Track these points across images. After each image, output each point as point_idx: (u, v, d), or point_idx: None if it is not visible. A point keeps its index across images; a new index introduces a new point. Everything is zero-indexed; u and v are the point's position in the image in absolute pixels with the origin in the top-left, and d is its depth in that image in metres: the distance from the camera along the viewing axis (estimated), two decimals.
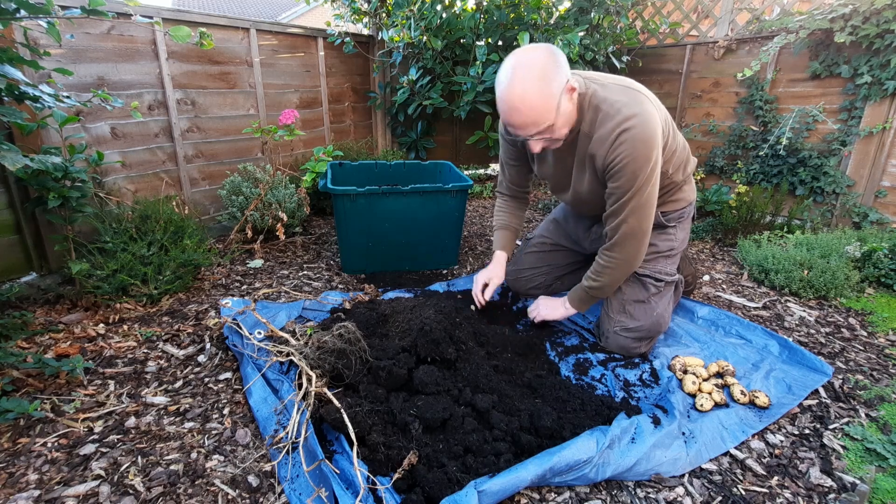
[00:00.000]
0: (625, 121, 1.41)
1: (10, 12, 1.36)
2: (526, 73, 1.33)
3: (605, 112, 1.45)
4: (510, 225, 2.00)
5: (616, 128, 1.42)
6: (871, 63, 2.83)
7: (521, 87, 1.33)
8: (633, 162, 1.42)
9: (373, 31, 4.08)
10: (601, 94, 1.47)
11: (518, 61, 1.35)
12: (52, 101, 1.50)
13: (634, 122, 1.40)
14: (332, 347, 1.42)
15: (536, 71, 1.33)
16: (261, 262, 2.62)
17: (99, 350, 1.75)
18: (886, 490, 1.21)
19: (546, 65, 1.34)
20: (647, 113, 1.42)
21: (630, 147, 1.41)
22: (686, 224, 1.85)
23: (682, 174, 1.74)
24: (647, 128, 1.40)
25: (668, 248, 1.80)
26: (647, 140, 1.41)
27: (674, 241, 1.81)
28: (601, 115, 1.46)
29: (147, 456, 1.28)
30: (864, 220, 2.96)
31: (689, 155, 1.77)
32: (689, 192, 1.82)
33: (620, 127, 1.41)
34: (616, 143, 1.42)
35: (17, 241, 2.12)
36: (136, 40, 2.51)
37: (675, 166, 1.67)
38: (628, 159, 1.42)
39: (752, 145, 3.43)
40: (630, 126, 1.40)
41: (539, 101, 1.35)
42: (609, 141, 1.44)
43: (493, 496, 1.08)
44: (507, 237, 1.99)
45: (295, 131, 2.75)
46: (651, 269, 1.76)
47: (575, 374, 1.66)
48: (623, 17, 3.62)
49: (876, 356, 1.83)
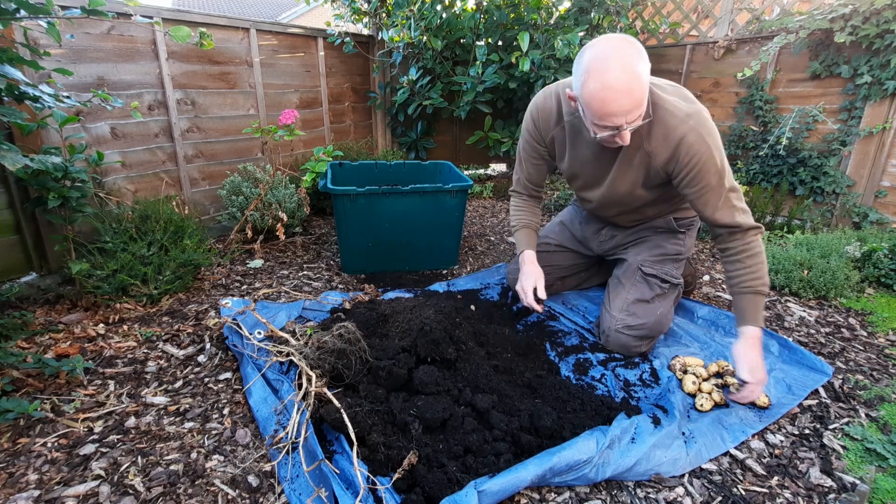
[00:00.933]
0: (688, 118, 1.43)
1: (10, 12, 1.36)
2: (631, 58, 1.29)
3: (665, 109, 1.45)
4: (531, 223, 1.94)
5: (677, 128, 1.43)
6: (871, 63, 2.83)
7: (633, 70, 1.28)
8: (707, 162, 1.43)
9: (373, 31, 4.08)
10: (656, 92, 1.47)
11: (619, 45, 1.30)
12: (52, 101, 1.50)
13: (698, 120, 1.42)
14: (332, 347, 1.42)
15: (639, 57, 1.30)
16: (261, 262, 2.62)
17: (99, 350, 1.75)
18: (886, 490, 1.21)
19: (640, 53, 1.32)
20: (701, 109, 1.46)
21: (700, 144, 1.42)
22: (694, 232, 1.90)
23: None
24: (707, 122, 1.44)
25: (677, 252, 1.83)
26: (712, 132, 1.44)
27: (682, 246, 1.84)
28: (659, 113, 1.46)
29: (147, 456, 1.28)
30: (864, 220, 2.96)
31: None
32: None
33: (682, 129, 1.42)
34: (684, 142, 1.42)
35: (17, 241, 2.12)
36: (136, 40, 2.51)
37: None
38: (704, 155, 1.42)
39: (752, 145, 3.43)
40: (692, 127, 1.42)
41: (641, 86, 1.30)
42: (675, 140, 1.44)
43: (493, 496, 1.08)
44: (531, 235, 1.93)
45: (295, 131, 2.75)
46: (659, 270, 1.78)
47: (575, 374, 1.66)
48: (623, 17, 3.62)
49: (876, 356, 1.83)
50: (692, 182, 1.47)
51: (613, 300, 1.80)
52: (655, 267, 1.79)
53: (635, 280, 1.80)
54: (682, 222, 1.84)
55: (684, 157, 1.44)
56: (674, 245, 1.83)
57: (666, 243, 1.82)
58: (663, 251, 1.81)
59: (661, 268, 1.79)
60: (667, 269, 1.80)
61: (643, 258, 1.82)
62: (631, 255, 1.87)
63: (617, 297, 1.79)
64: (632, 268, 1.82)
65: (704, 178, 1.45)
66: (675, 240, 1.83)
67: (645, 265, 1.80)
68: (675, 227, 1.82)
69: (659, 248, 1.82)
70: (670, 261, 1.82)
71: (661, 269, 1.79)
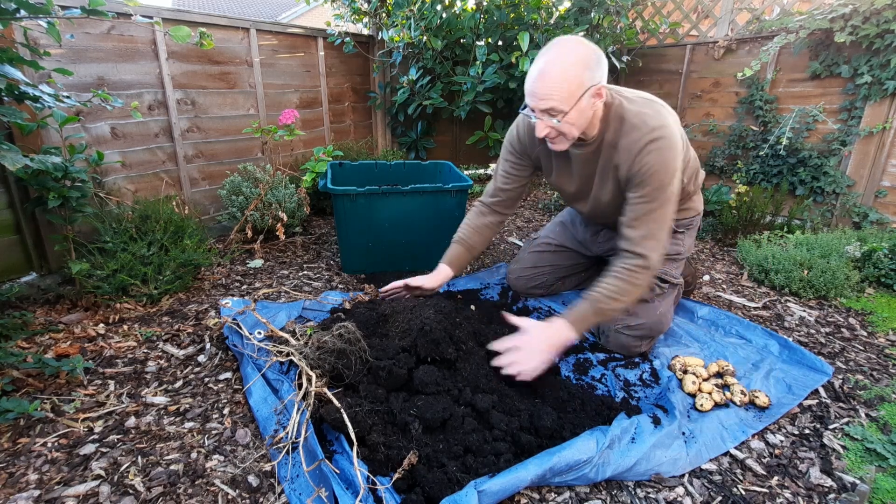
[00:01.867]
0: (651, 131, 1.43)
1: (10, 12, 1.36)
2: (568, 52, 1.36)
3: (632, 123, 1.47)
4: (468, 240, 1.84)
5: (643, 138, 1.44)
6: (871, 63, 2.83)
7: (559, 59, 1.35)
8: (660, 171, 1.43)
9: (373, 31, 4.08)
10: (627, 105, 1.50)
11: (565, 42, 1.39)
12: (52, 101, 1.50)
13: (661, 134, 1.43)
14: (332, 347, 1.41)
15: (578, 57, 1.36)
16: (261, 262, 2.62)
17: (99, 350, 1.75)
18: (886, 490, 1.21)
19: (588, 57, 1.37)
20: (671, 126, 1.46)
21: (657, 157, 1.43)
22: (693, 232, 1.90)
23: (693, 185, 1.78)
24: (672, 140, 1.44)
25: (676, 251, 1.83)
26: (673, 151, 1.44)
27: (681, 246, 1.85)
28: (626, 126, 1.48)
29: (147, 456, 1.28)
30: (864, 220, 2.96)
31: (699, 167, 1.82)
32: (698, 202, 1.87)
33: (647, 137, 1.43)
34: (643, 152, 1.44)
35: (17, 241, 2.12)
36: (136, 40, 2.51)
37: (688, 177, 1.71)
38: (656, 168, 1.43)
39: (752, 145, 3.43)
40: (657, 137, 1.43)
41: (567, 79, 1.35)
42: (635, 151, 1.45)
43: (493, 496, 1.08)
44: (459, 253, 1.83)
45: (295, 131, 2.75)
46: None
47: (575, 374, 1.66)
48: (623, 17, 3.62)
49: (876, 356, 1.83)
50: (636, 187, 1.47)
51: None
52: None
53: None
54: (681, 223, 1.84)
55: (638, 166, 1.45)
56: (672, 245, 1.83)
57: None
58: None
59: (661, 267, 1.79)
60: (665, 268, 1.80)
61: None
62: None
63: None
64: None
65: (645, 188, 1.45)
66: (673, 239, 1.83)
67: None
68: (672, 228, 1.81)
69: None
70: (669, 260, 1.82)
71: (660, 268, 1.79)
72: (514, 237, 3.22)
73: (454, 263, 1.84)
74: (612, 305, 1.46)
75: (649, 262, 1.46)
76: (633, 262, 1.46)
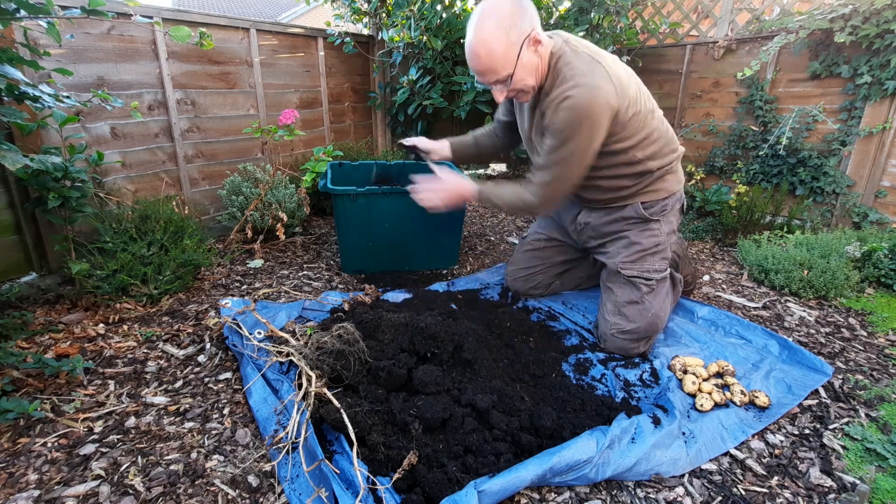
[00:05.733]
0: (573, 87, 1.44)
1: (10, 12, 1.36)
2: (487, 20, 1.37)
3: (564, 75, 1.48)
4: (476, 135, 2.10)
5: (563, 91, 1.45)
6: (871, 63, 2.83)
7: (482, 33, 1.38)
8: (566, 127, 1.46)
9: (373, 31, 4.08)
10: (569, 58, 1.50)
11: (483, 9, 1.40)
12: (52, 101, 1.50)
13: (579, 91, 1.43)
14: (332, 348, 1.42)
15: (497, 19, 1.37)
16: (261, 262, 2.62)
17: (99, 350, 1.75)
18: (886, 490, 1.21)
19: (510, 13, 1.37)
20: (596, 86, 1.44)
21: (568, 113, 1.44)
22: (671, 217, 1.80)
23: (658, 162, 1.69)
24: (590, 99, 1.43)
25: (654, 244, 1.77)
26: (587, 109, 1.44)
27: (658, 235, 1.78)
28: (559, 77, 1.49)
29: (147, 456, 1.28)
30: (864, 220, 2.96)
31: (673, 146, 1.74)
32: (673, 182, 1.78)
33: (566, 92, 1.44)
34: (558, 106, 1.46)
35: (17, 241, 2.12)
36: (136, 40, 2.51)
37: (648, 154, 1.65)
38: (563, 124, 1.46)
39: (752, 145, 3.43)
40: (573, 94, 1.43)
41: (498, 49, 1.38)
42: (554, 103, 1.47)
43: (493, 496, 1.08)
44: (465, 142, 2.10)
45: (295, 131, 2.75)
46: (638, 270, 1.75)
47: (575, 374, 1.66)
48: (623, 17, 3.62)
49: (876, 356, 1.83)
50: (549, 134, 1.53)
51: (605, 304, 1.80)
52: (635, 267, 1.76)
53: (620, 283, 1.78)
54: (652, 209, 1.76)
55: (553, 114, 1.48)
56: (649, 238, 1.77)
57: (641, 238, 1.77)
58: (640, 248, 1.76)
59: (641, 266, 1.76)
60: (647, 265, 1.76)
61: (621, 259, 1.78)
62: (609, 256, 1.84)
63: (607, 301, 1.79)
64: (612, 271, 1.80)
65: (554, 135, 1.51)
66: (648, 231, 1.77)
67: (624, 268, 1.77)
68: (645, 216, 1.75)
69: (634, 246, 1.77)
70: (649, 255, 1.77)
71: (640, 267, 1.75)
72: (514, 237, 3.22)
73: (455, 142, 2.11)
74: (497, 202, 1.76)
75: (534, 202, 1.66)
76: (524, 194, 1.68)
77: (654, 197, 1.76)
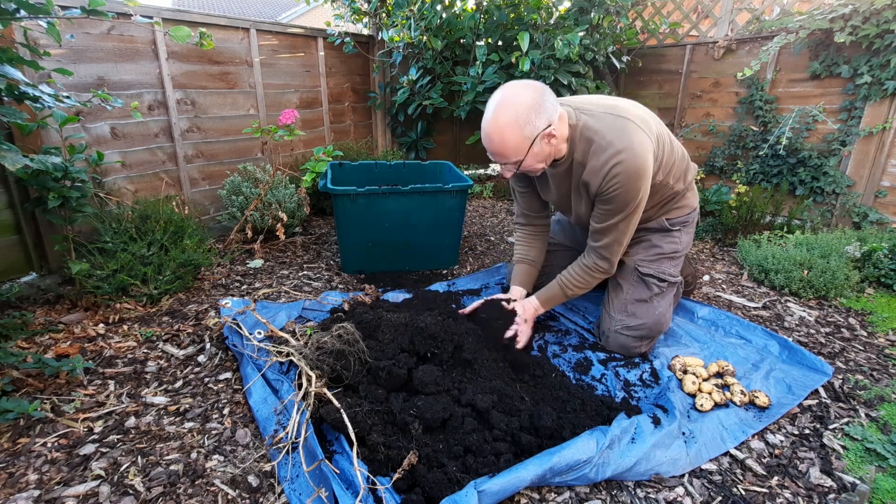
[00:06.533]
0: (616, 154, 1.46)
1: (10, 12, 1.36)
2: (505, 112, 1.41)
3: (598, 144, 1.50)
4: (527, 257, 1.92)
5: (608, 161, 1.47)
6: (871, 63, 2.83)
7: (497, 122, 1.42)
8: (624, 193, 1.49)
9: (373, 31, 4.08)
10: (592, 125, 1.52)
11: (504, 97, 1.43)
12: (52, 101, 1.50)
13: (625, 157, 1.45)
14: (332, 348, 1.42)
15: (514, 113, 1.40)
16: (261, 262, 2.62)
17: (99, 350, 1.75)
18: (886, 490, 1.21)
19: (528, 109, 1.40)
20: (637, 144, 1.47)
21: (623, 179, 1.47)
22: (690, 229, 1.89)
23: (683, 183, 1.77)
24: (637, 160, 1.46)
25: (673, 250, 1.82)
26: (638, 171, 1.47)
27: (678, 244, 1.83)
28: (593, 147, 1.51)
29: (147, 456, 1.28)
30: (864, 220, 2.96)
31: (689, 164, 1.80)
32: (692, 198, 1.86)
33: (612, 161, 1.46)
34: (608, 175, 1.48)
35: (17, 241, 2.12)
36: (136, 40, 2.51)
37: (676, 177, 1.71)
38: (620, 190, 1.49)
39: (752, 145, 3.43)
40: (621, 160, 1.45)
41: (511, 140, 1.42)
42: (602, 174, 1.49)
43: (493, 496, 1.08)
44: (525, 271, 1.90)
45: (295, 131, 2.75)
46: (655, 269, 1.77)
47: (575, 374, 1.66)
48: (623, 17, 3.62)
49: (876, 356, 1.83)
50: (603, 203, 1.56)
51: (612, 301, 1.80)
52: (652, 266, 1.78)
53: (633, 280, 1.79)
54: (675, 221, 1.83)
55: (605, 186, 1.51)
56: (669, 244, 1.82)
57: (661, 242, 1.82)
58: (659, 250, 1.81)
59: (658, 267, 1.78)
60: (664, 267, 1.79)
61: (639, 258, 1.81)
62: (627, 255, 1.86)
63: (616, 298, 1.80)
64: (629, 268, 1.82)
65: (611, 204, 1.53)
66: (669, 238, 1.83)
67: (641, 265, 1.79)
68: (666, 227, 1.82)
69: (655, 248, 1.82)
70: (667, 259, 1.81)
71: (657, 268, 1.78)
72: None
73: (526, 283, 1.90)
74: (575, 292, 1.75)
75: (611, 266, 1.69)
76: (599, 264, 1.69)
77: (678, 214, 1.83)
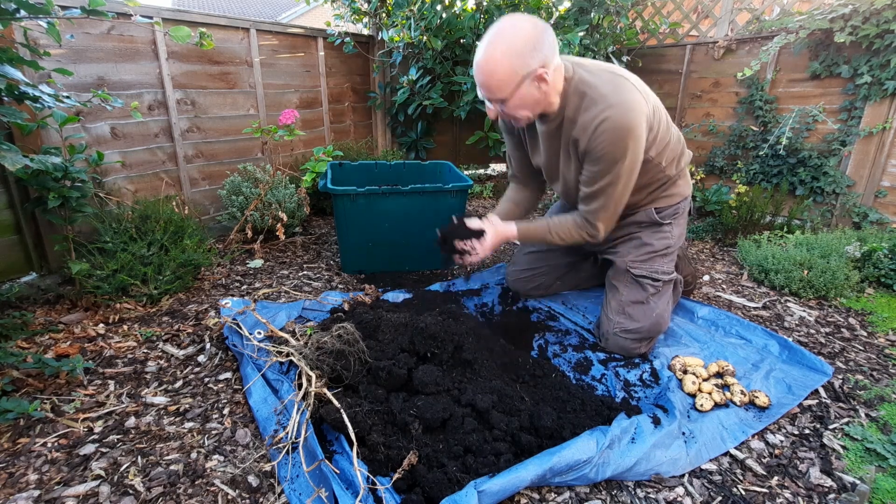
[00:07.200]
0: (607, 108, 1.41)
1: (10, 12, 1.36)
2: (500, 42, 1.35)
3: (591, 98, 1.45)
4: (511, 199, 1.95)
5: (598, 115, 1.42)
6: (871, 63, 2.83)
7: (490, 52, 1.36)
8: (612, 150, 1.43)
9: (373, 31, 4.08)
10: (587, 79, 1.47)
11: (502, 26, 1.37)
12: (52, 101, 1.50)
13: (616, 112, 1.40)
14: (332, 348, 1.42)
15: (507, 47, 1.34)
16: (261, 262, 2.62)
17: (99, 350, 1.75)
18: (886, 490, 1.21)
19: (523, 44, 1.34)
20: (631, 101, 1.42)
21: (611, 137, 1.41)
22: (682, 220, 1.83)
23: (676, 168, 1.72)
24: (627, 116, 1.41)
25: (665, 246, 1.78)
26: (628, 127, 1.41)
27: (670, 238, 1.79)
28: (586, 101, 1.46)
29: (147, 456, 1.28)
30: (864, 220, 2.96)
31: (684, 149, 1.76)
32: (684, 186, 1.80)
33: (602, 115, 1.41)
34: (597, 130, 1.42)
35: (17, 241, 2.12)
36: (136, 40, 2.51)
37: (669, 159, 1.66)
38: (609, 148, 1.43)
39: (752, 145, 3.43)
40: (610, 115, 1.40)
41: (500, 73, 1.37)
42: (591, 128, 1.44)
43: (493, 496, 1.08)
44: (507, 208, 1.94)
45: (295, 131, 2.75)
46: (648, 270, 1.76)
47: (575, 374, 1.66)
48: (623, 17, 3.62)
49: (876, 356, 1.83)
50: (593, 161, 1.49)
51: (610, 303, 1.79)
52: (644, 266, 1.76)
53: (627, 282, 1.78)
54: (665, 212, 1.78)
55: (593, 143, 1.45)
56: (661, 240, 1.78)
57: (652, 239, 1.77)
58: (650, 248, 1.77)
59: (651, 266, 1.76)
60: (656, 266, 1.76)
61: (630, 259, 1.78)
62: (619, 255, 1.83)
63: (612, 300, 1.79)
64: (621, 270, 1.80)
65: (599, 164, 1.48)
66: (660, 234, 1.78)
67: (633, 267, 1.76)
68: (657, 220, 1.76)
69: (645, 247, 1.78)
70: (659, 256, 1.77)
71: (650, 267, 1.76)
72: None
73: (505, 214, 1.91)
74: (554, 239, 1.70)
75: (598, 233, 1.64)
76: (586, 228, 1.65)
77: (667, 202, 1.77)
